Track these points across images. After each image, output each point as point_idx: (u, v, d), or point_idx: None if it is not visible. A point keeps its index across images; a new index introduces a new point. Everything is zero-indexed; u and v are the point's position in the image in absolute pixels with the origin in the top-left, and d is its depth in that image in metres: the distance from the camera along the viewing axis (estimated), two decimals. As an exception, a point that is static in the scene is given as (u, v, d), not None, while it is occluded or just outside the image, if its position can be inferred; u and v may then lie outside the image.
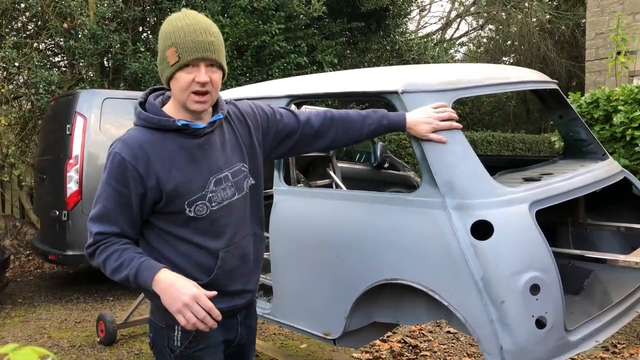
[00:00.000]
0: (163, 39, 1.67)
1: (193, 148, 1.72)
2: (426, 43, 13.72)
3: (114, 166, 1.67)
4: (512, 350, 1.97)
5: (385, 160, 6.64)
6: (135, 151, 1.66)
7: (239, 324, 1.88)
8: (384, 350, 4.04)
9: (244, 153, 1.85)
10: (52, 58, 9.00)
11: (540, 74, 2.96)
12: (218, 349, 1.82)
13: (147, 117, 1.71)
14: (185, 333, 1.73)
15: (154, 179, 1.67)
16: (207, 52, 1.63)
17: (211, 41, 1.64)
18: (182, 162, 1.70)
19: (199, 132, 1.72)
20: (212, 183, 1.73)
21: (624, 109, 5.02)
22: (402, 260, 2.21)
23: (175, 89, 1.68)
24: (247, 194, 1.84)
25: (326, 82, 2.81)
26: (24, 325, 4.88)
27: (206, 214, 1.72)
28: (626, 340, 4.15)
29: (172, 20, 1.69)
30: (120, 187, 1.66)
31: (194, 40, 1.62)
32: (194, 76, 1.63)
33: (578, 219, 3.02)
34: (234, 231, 1.79)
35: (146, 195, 1.68)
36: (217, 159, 1.76)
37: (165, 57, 1.65)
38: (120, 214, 1.68)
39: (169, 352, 1.77)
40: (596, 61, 11.58)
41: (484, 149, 13.77)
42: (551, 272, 2.02)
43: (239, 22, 8.46)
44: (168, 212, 1.71)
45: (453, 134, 2.19)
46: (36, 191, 6.64)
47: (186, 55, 1.62)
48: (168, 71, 1.66)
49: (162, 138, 1.70)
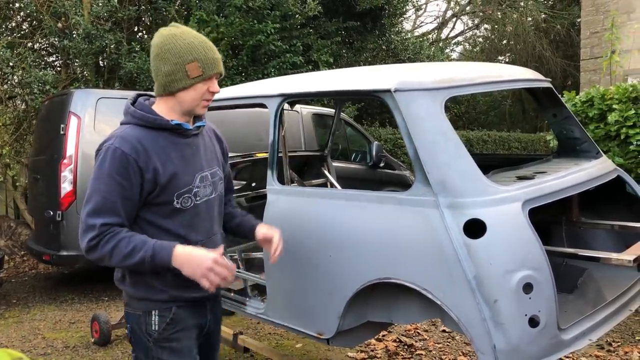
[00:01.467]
0: (180, 53, 1.84)
1: (183, 146, 1.92)
2: (422, 42, 13.76)
3: (116, 160, 1.79)
4: (505, 349, 1.97)
5: (381, 160, 6.64)
6: (135, 145, 1.81)
7: (208, 311, 2.06)
8: (379, 350, 4.04)
9: (219, 160, 2.10)
10: (46, 58, 8.96)
11: (534, 73, 2.96)
12: (192, 333, 1.98)
13: (142, 115, 1.88)
14: (162, 317, 1.89)
15: (152, 171, 1.82)
16: (220, 67, 1.90)
17: (220, 58, 1.91)
18: (174, 157, 1.88)
19: (188, 132, 1.93)
20: (197, 179, 1.93)
21: (618, 108, 5.03)
22: (395, 259, 2.21)
23: (188, 98, 1.88)
24: (220, 196, 2.07)
25: (319, 81, 2.80)
26: (18, 326, 4.86)
27: (190, 206, 1.90)
28: (621, 338, 4.15)
29: (184, 37, 1.86)
30: (122, 180, 1.79)
31: (213, 57, 1.87)
32: (208, 87, 1.88)
33: (572, 218, 3.02)
34: (210, 226, 2.01)
35: (143, 187, 1.82)
36: (201, 159, 1.98)
37: (185, 70, 1.84)
38: (122, 206, 1.80)
39: (147, 337, 1.91)
40: (591, 60, 11.60)
41: (480, 148, 13.79)
42: (544, 271, 2.01)
43: (234, 22, 8.44)
44: (157, 202, 1.85)
45: (446, 133, 2.19)
46: (30, 191, 6.61)
47: (208, 70, 1.86)
48: (187, 82, 1.85)
49: (156, 136, 1.87)
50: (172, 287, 1.88)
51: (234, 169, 4.27)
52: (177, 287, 1.88)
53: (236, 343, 3.58)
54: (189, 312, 1.95)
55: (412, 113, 2.22)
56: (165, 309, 1.90)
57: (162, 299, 1.90)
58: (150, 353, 1.91)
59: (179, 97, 1.88)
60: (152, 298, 1.90)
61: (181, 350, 1.92)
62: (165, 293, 1.89)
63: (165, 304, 1.90)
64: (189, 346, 1.95)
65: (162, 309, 1.90)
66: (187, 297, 1.92)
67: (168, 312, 1.90)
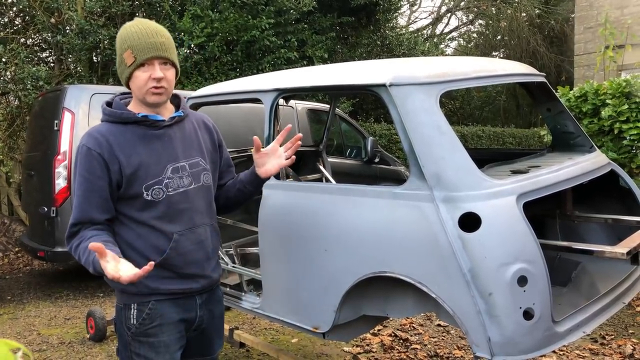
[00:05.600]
0: (119, 43, 1.88)
1: (152, 138, 1.92)
2: (416, 38, 13.76)
3: (82, 157, 1.86)
4: (499, 342, 1.98)
5: (376, 155, 6.63)
6: (99, 140, 1.85)
7: (198, 306, 2.02)
8: (375, 344, 4.05)
9: (204, 150, 2.06)
10: (39, 53, 8.90)
11: (528, 67, 2.97)
12: (174, 328, 1.95)
13: (110, 111, 1.93)
14: (140, 311, 1.91)
15: (116, 164, 1.85)
16: (159, 51, 1.84)
17: (162, 42, 1.86)
18: (141, 150, 1.89)
19: (158, 124, 1.93)
20: (169, 170, 1.92)
21: (612, 103, 5.05)
22: (391, 253, 2.21)
23: (134, 87, 1.89)
24: (204, 187, 2.03)
25: (314, 76, 2.80)
26: (13, 322, 4.85)
27: (162, 198, 1.89)
28: (614, 331, 4.18)
29: (126, 27, 1.90)
30: (88, 175, 1.84)
31: (147, 42, 1.83)
32: (150, 74, 1.85)
33: (566, 211, 3.03)
34: (190, 217, 1.96)
35: (112, 180, 1.85)
36: (176, 150, 1.95)
37: (123, 60, 1.86)
38: (92, 201, 1.84)
39: (126, 330, 1.93)
40: (585, 55, 11.64)
41: (474, 143, 13.82)
42: (539, 264, 2.02)
43: (229, 17, 8.42)
44: (128, 196, 1.88)
45: (441, 127, 2.19)
46: (24, 188, 6.57)
47: (141, 55, 1.83)
48: (127, 72, 1.87)
49: (124, 130, 1.90)
50: (148, 279, 1.82)
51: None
52: (154, 279, 1.86)
53: (232, 338, 3.59)
54: (172, 306, 1.93)
55: (407, 107, 2.22)
56: (143, 302, 1.91)
57: (139, 291, 1.89)
58: (129, 347, 1.93)
59: (131, 88, 1.90)
60: (130, 291, 1.90)
61: (158, 346, 1.91)
62: (141, 285, 1.85)
63: (143, 297, 1.90)
64: (167, 342, 1.93)
65: (141, 303, 1.91)
66: (165, 290, 1.91)
67: (145, 306, 1.91)
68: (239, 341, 3.58)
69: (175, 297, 1.94)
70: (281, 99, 2.83)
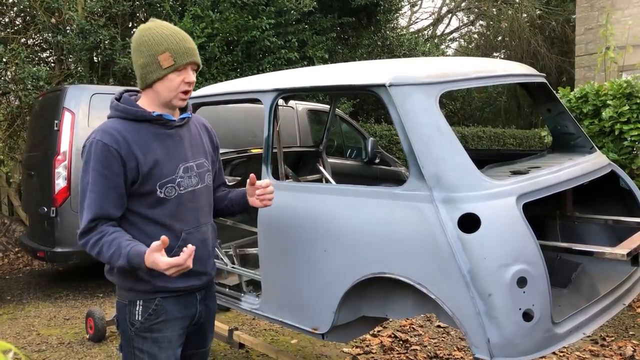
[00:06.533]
0: (153, 45, 1.88)
1: (165, 137, 1.95)
2: (417, 39, 13.76)
3: (98, 152, 1.83)
4: (499, 343, 1.97)
5: (376, 156, 6.63)
6: (115, 137, 1.85)
7: (198, 302, 2.07)
8: (375, 345, 4.04)
9: (207, 152, 2.12)
10: (40, 53, 8.90)
11: (528, 67, 2.96)
12: (177, 324, 1.99)
13: (124, 108, 1.93)
14: (146, 307, 1.93)
15: (134, 161, 1.86)
16: (195, 57, 1.92)
17: (194, 48, 1.93)
18: (156, 148, 1.91)
19: (171, 123, 1.96)
20: (181, 169, 1.96)
21: (612, 104, 5.04)
22: (390, 254, 2.21)
23: (163, 89, 1.90)
24: (208, 187, 2.09)
25: (314, 76, 2.79)
26: (13, 322, 4.84)
27: (174, 196, 1.93)
28: (614, 333, 4.17)
29: (155, 29, 1.90)
30: (106, 171, 1.83)
31: (184, 47, 1.89)
32: (183, 77, 1.90)
33: (566, 212, 3.02)
34: (197, 216, 2.01)
35: (127, 177, 1.86)
36: (186, 150, 2.00)
37: (157, 61, 1.87)
38: (109, 197, 1.84)
39: (130, 326, 1.95)
40: (586, 56, 11.63)
41: (475, 144, 13.81)
42: (538, 265, 2.02)
43: (229, 17, 8.42)
44: (142, 193, 1.89)
45: (440, 127, 2.19)
46: (24, 188, 6.57)
47: (181, 59, 1.87)
48: (160, 73, 1.88)
49: (138, 127, 1.91)
50: (157, 278, 1.89)
51: (229, 165, 4.26)
52: (162, 278, 1.88)
53: (231, 339, 3.58)
54: (175, 304, 1.97)
55: (406, 107, 2.22)
56: (149, 299, 1.94)
57: (147, 289, 1.93)
58: (132, 342, 1.96)
59: (155, 88, 1.91)
60: (138, 289, 1.93)
61: (161, 342, 1.95)
62: (150, 284, 1.91)
63: (150, 294, 1.93)
64: (170, 338, 1.97)
65: (147, 300, 1.94)
66: (172, 287, 1.95)
67: (152, 302, 1.94)
68: (238, 342, 3.57)
69: (180, 294, 1.98)
70: (281, 99, 2.82)
